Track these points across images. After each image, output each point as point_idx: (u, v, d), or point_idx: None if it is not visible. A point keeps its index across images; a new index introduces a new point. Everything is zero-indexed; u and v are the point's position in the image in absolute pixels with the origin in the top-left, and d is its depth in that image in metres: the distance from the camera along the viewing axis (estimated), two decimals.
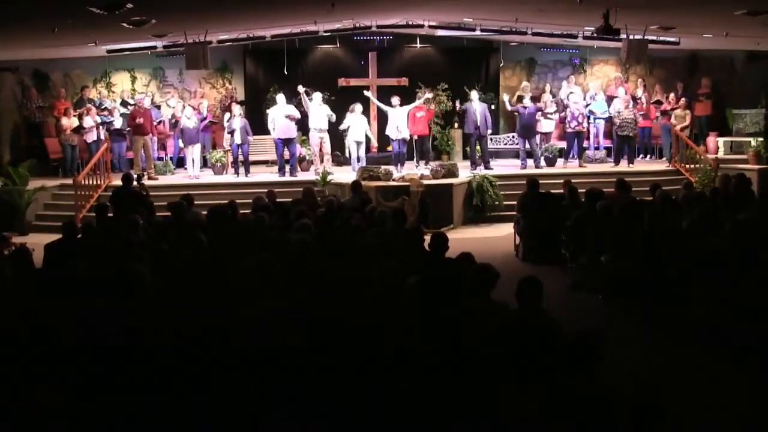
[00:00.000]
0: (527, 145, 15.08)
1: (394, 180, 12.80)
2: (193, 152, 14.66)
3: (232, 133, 14.49)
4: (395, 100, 14.74)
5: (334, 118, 14.61)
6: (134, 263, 5.71)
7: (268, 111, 14.81)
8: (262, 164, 15.92)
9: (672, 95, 16.19)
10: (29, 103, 15.94)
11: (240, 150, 14.51)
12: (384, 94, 15.66)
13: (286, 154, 14.62)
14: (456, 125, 16.71)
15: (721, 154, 15.48)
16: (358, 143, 14.70)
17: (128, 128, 14.71)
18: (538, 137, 15.38)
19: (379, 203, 10.93)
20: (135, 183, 11.26)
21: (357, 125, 14.69)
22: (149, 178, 13.93)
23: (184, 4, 9.78)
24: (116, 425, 4.06)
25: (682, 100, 15.88)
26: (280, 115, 14.41)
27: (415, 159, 15.29)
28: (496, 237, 12.04)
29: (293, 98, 15.18)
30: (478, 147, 14.95)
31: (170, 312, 4.99)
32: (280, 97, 14.68)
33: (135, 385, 4.20)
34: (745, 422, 5.24)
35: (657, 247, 7.76)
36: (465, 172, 13.81)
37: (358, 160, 14.59)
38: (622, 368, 5.43)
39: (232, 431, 4.12)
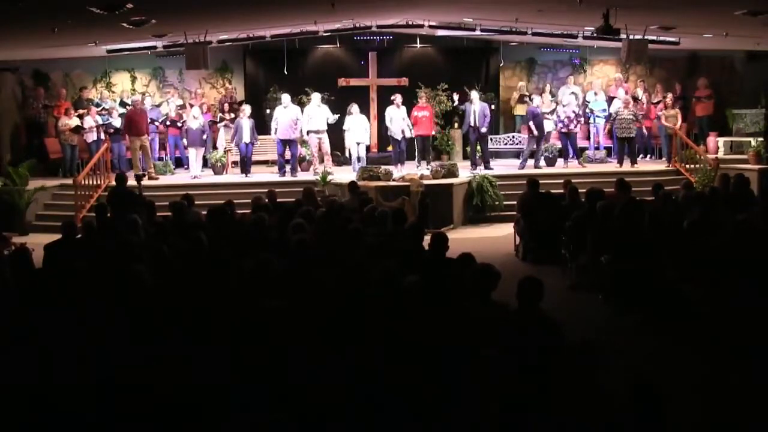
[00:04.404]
0: (536, 145, 15.03)
1: (394, 180, 12.80)
2: (196, 153, 14.68)
3: (239, 132, 14.47)
4: (397, 98, 14.73)
5: (332, 119, 14.60)
6: (134, 263, 5.72)
7: (275, 110, 14.77)
8: (262, 164, 15.92)
9: (669, 95, 16.18)
10: (36, 102, 15.91)
11: (246, 149, 14.52)
12: (384, 94, 15.66)
13: (287, 154, 14.63)
14: (456, 125, 16.71)
15: (721, 154, 15.47)
16: (359, 143, 14.71)
17: (121, 129, 14.69)
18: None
19: (379, 203, 10.93)
20: (136, 183, 11.28)
21: (357, 125, 14.70)
22: (150, 178, 13.92)
23: (184, 4, 9.78)
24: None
25: (668, 100, 15.83)
26: (283, 115, 14.40)
27: (416, 159, 15.29)
28: (496, 237, 12.04)
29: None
30: (478, 147, 14.95)
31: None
32: (285, 97, 14.65)
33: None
34: (745, 422, 5.24)
35: (657, 247, 7.76)
36: (465, 172, 13.80)
37: (359, 160, 14.59)
38: (622, 369, 5.44)
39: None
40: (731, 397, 5.57)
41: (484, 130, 14.91)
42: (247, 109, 14.77)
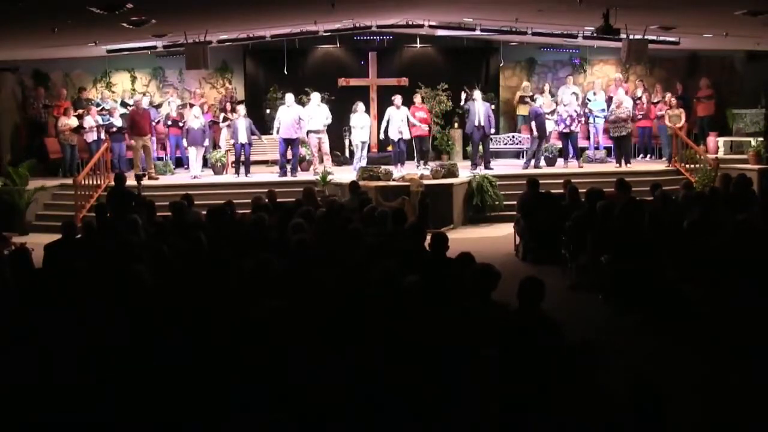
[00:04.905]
0: (538, 145, 15.04)
1: (394, 180, 12.80)
2: (197, 153, 14.70)
3: (235, 133, 14.50)
4: (397, 99, 14.74)
5: (330, 119, 14.62)
6: (134, 263, 5.72)
7: (278, 110, 14.77)
8: (262, 164, 15.92)
9: (669, 95, 16.18)
10: (36, 102, 15.90)
11: (243, 150, 14.53)
12: (384, 94, 15.66)
13: (289, 154, 14.62)
14: (456, 125, 16.71)
15: (721, 154, 15.47)
16: (363, 143, 14.70)
17: (125, 129, 14.75)
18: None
19: (379, 203, 10.93)
20: (135, 183, 11.28)
21: (362, 125, 14.69)
22: (149, 178, 13.92)
23: (184, 4, 9.78)
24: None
25: (673, 100, 15.85)
26: (286, 114, 14.39)
27: (415, 159, 15.29)
28: (496, 237, 12.04)
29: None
30: (480, 147, 14.95)
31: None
32: (289, 97, 14.65)
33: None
34: (746, 422, 5.24)
35: (657, 247, 7.76)
36: (465, 172, 13.80)
37: (361, 159, 14.59)
38: (622, 369, 5.44)
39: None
40: (731, 397, 5.57)
41: (493, 131, 14.97)
42: (240, 109, 14.77)
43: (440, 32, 15.63)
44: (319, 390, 4.09)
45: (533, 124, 14.99)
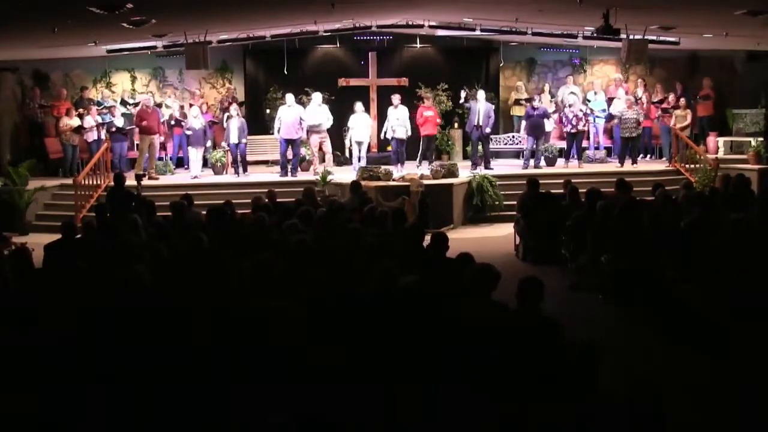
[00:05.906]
0: (534, 145, 15.08)
1: (394, 180, 12.80)
2: (197, 153, 14.70)
3: (227, 133, 14.54)
4: (395, 98, 14.74)
5: (330, 120, 14.63)
6: (134, 263, 5.72)
7: (279, 110, 14.77)
8: (262, 164, 15.92)
9: (671, 95, 16.20)
10: (32, 102, 15.91)
11: (237, 150, 14.53)
12: (384, 94, 15.66)
13: (290, 154, 14.63)
14: (456, 125, 16.71)
15: (721, 154, 15.49)
16: (360, 143, 14.71)
17: (131, 127, 14.77)
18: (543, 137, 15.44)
19: (379, 203, 10.93)
20: (136, 182, 11.28)
21: (360, 125, 14.69)
22: (149, 178, 13.93)
23: (184, 4, 9.78)
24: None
25: (682, 100, 15.90)
26: (287, 114, 14.39)
27: (418, 159, 15.28)
28: (496, 237, 12.04)
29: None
30: (479, 146, 14.95)
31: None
32: (289, 97, 14.64)
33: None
34: (745, 422, 5.24)
35: (657, 247, 7.76)
36: (465, 172, 13.80)
37: (359, 159, 14.59)
38: (622, 369, 5.45)
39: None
40: (731, 397, 5.57)
41: (488, 130, 14.99)
42: (232, 109, 14.76)
43: (440, 32, 15.63)
44: (319, 390, 4.10)
45: (524, 123, 15.08)
